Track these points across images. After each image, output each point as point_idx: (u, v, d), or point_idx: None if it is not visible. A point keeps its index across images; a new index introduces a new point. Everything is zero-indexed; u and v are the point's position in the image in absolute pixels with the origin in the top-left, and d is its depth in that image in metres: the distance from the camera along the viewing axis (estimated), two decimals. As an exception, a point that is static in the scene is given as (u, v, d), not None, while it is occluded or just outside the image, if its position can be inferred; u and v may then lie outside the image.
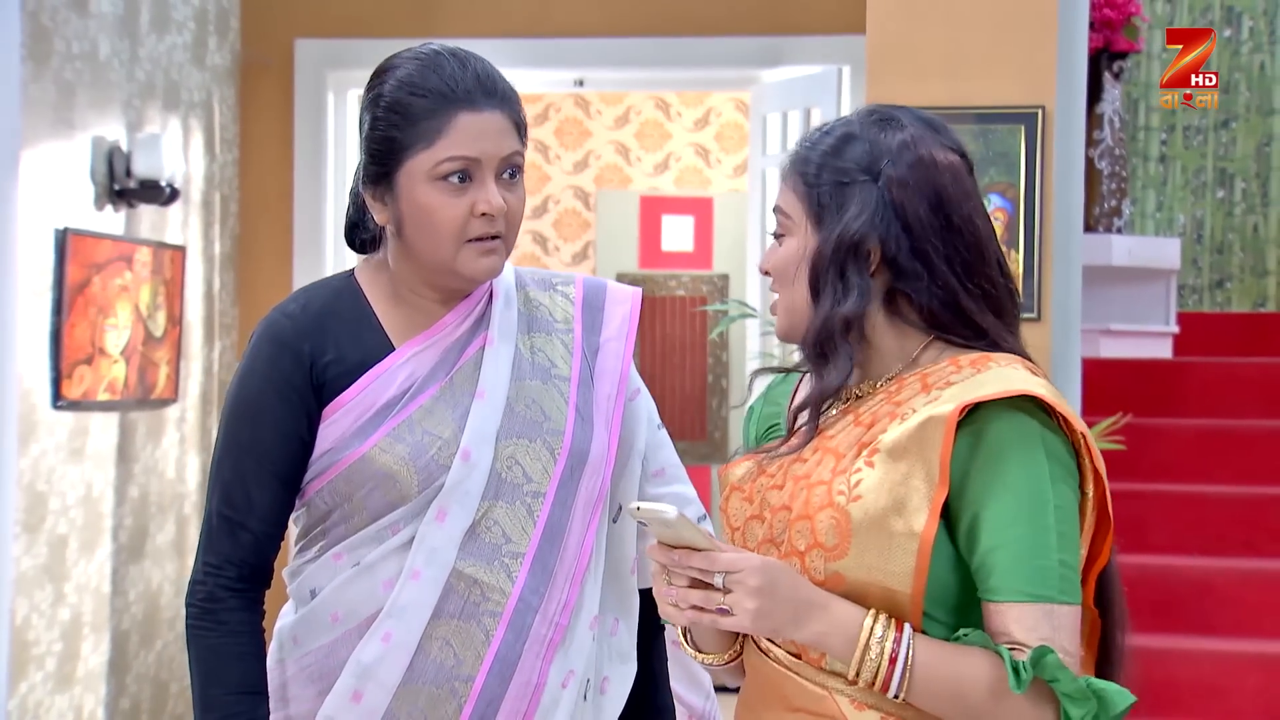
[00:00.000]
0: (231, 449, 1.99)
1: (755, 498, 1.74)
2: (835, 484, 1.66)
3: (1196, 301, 6.59)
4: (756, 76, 5.48)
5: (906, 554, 1.61)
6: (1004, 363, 1.69)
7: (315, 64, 5.51)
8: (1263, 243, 6.59)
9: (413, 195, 1.95)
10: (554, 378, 2.04)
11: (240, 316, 5.50)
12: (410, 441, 1.96)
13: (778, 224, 1.79)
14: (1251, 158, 6.59)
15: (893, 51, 3.73)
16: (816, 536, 1.65)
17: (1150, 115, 6.64)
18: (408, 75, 1.97)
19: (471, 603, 1.97)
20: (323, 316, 2.00)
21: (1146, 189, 6.61)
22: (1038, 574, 1.61)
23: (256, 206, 5.49)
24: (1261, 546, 4.49)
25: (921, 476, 1.62)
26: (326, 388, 1.97)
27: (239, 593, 1.98)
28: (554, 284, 2.11)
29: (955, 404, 1.63)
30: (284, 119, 5.48)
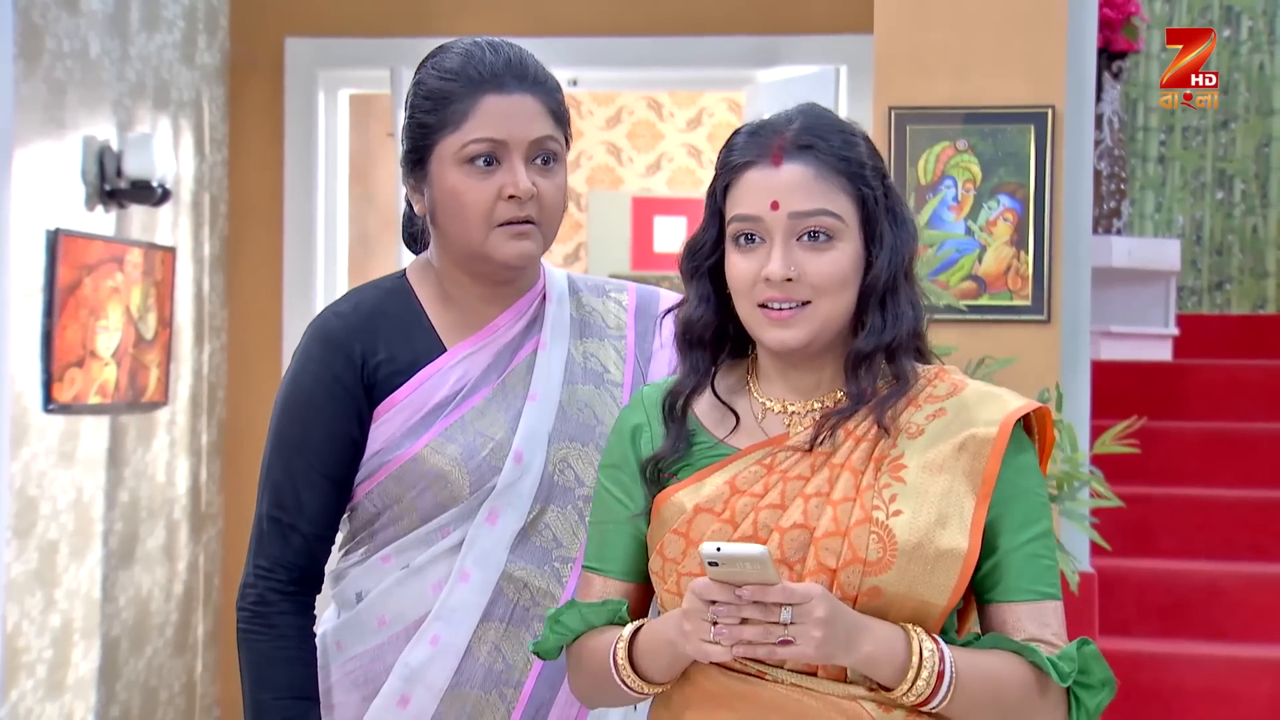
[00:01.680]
0: (282, 450, 1.99)
1: (740, 519, 1.70)
2: (865, 500, 1.67)
3: (1196, 303, 6.62)
4: (752, 76, 5.48)
5: (950, 568, 1.65)
6: (955, 372, 1.77)
7: (306, 63, 5.50)
8: (1262, 244, 6.62)
9: (443, 179, 1.96)
10: (606, 383, 2.05)
11: (230, 318, 5.48)
12: (462, 442, 1.96)
13: (817, 223, 1.70)
14: (1251, 158, 6.62)
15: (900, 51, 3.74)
16: (856, 552, 1.65)
17: (1149, 115, 6.67)
18: (440, 62, 2.00)
19: (521, 607, 1.97)
20: (374, 316, 2.00)
21: (1145, 190, 6.64)
22: (1046, 573, 1.70)
23: (246, 207, 5.48)
24: (1269, 550, 4.51)
25: (965, 491, 1.68)
26: (378, 388, 1.98)
27: (289, 596, 1.98)
28: (607, 290, 2.12)
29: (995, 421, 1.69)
30: (274, 119, 5.47)
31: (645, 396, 1.84)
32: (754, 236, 1.72)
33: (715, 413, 1.79)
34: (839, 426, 1.72)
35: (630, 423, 1.82)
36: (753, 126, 1.75)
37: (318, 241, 5.50)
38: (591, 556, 1.82)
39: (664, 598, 1.75)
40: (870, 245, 1.73)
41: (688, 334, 1.79)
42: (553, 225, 2.01)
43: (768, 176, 1.70)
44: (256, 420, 5.41)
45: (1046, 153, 3.71)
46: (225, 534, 5.47)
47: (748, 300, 1.72)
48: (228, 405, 5.47)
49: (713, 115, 7.69)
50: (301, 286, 5.46)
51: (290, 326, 5.45)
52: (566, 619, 1.77)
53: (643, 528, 1.78)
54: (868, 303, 1.73)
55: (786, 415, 1.76)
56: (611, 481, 1.81)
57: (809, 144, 1.71)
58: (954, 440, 1.70)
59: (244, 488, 5.40)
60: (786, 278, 1.69)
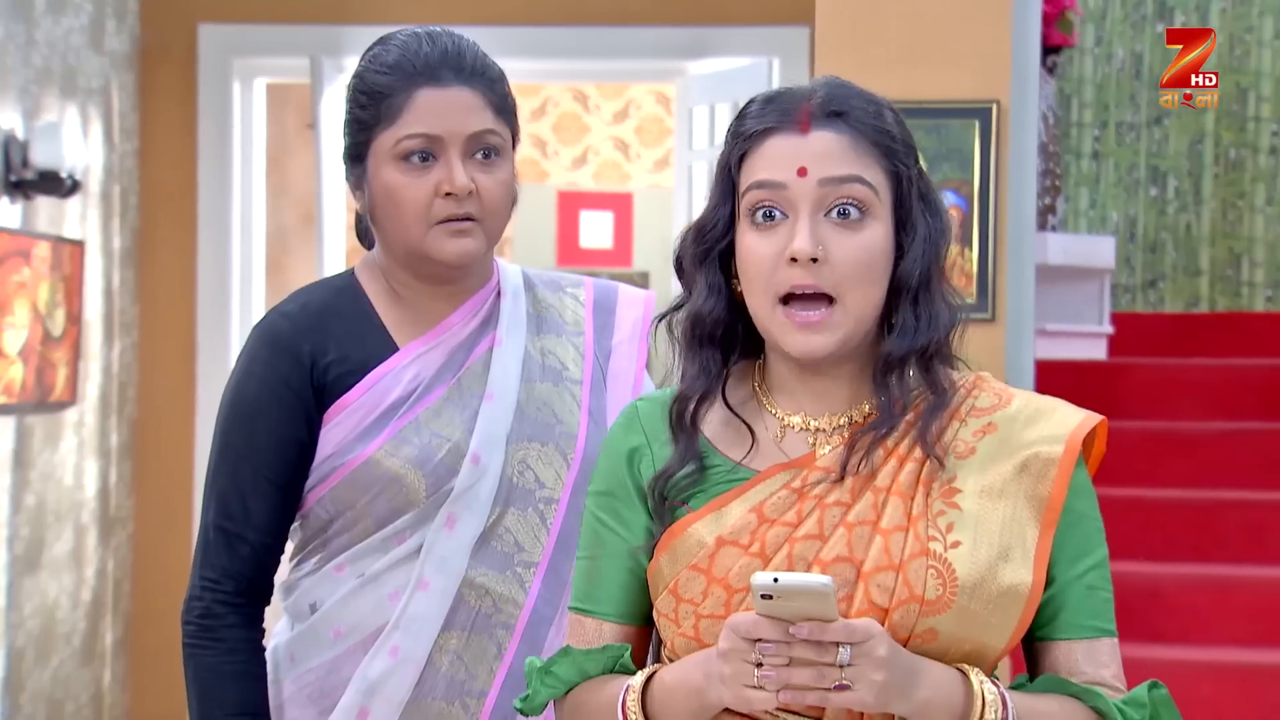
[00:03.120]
0: (228, 456, 1.95)
1: (771, 552, 1.53)
2: (919, 529, 1.51)
3: (1130, 301, 6.67)
4: (682, 68, 5.46)
5: (1013, 606, 1.51)
6: (992, 380, 1.62)
7: (220, 50, 5.41)
8: (1195, 242, 6.68)
9: (379, 177, 1.94)
10: (565, 380, 2.02)
11: (140, 315, 5.38)
12: (417, 444, 1.93)
13: (850, 193, 1.52)
14: (1184, 155, 6.68)
15: (843, 43, 3.72)
16: (912, 590, 1.49)
17: (1083, 111, 6.71)
18: (378, 55, 1.97)
19: (483, 614, 1.95)
20: (322, 316, 1.97)
21: (1080, 186, 6.68)
22: (1104, 607, 1.57)
23: (158, 200, 5.38)
24: (1209, 551, 4.54)
25: (1028, 518, 1.53)
26: (328, 389, 1.94)
27: (238, 608, 1.95)
28: (563, 286, 2.10)
29: (1059, 437, 1.54)
30: (187, 108, 5.37)
31: (641, 413, 1.65)
32: (774, 211, 1.53)
33: (727, 429, 1.60)
34: (877, 446, 1.54)
35: (625, 445, 1.63)
36: (769, 94, 1.59)
37: (233, 235, 5.42)
38: (581, 596, 1.64)
39: (676, 642, 1.56)
40: (901, 233, 1.56)
41: (697, 330, 1.59)
42: (496, 222, 1.97)
43: (794, 143, 1.53)
44: (169, 420, 5.34)
45: (991, 148, 3.70)
46: (136, 538, 5.37)
47: (765, 293, 1.53)
48: (139, 405, 5.37)
49: (640, 108, 7.66)
50: (216, 282, 5.38)
51: (204, 323, 5.37)
52: (559, 669, 1.59)
53: (643, 562, 1.60)
54: (898, 300, 1.55)
55: (810, 433, 1.58)
56: (603, 510, 1.62)
57: (841, 111, 1.55)
58: (1013, 460, 1.54)
59: (156, 490, 5.33)
60: (813, 256, 1.51)
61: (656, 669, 1.56)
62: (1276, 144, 6.60)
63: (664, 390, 1.66)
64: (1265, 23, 6.54)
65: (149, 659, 5.30)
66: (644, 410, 1.64)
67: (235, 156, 5.41)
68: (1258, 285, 6.64)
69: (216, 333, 5.37)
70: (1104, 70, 6.69)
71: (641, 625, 1.63)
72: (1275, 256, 6.61)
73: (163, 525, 5.32)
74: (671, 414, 1.59)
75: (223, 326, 5.37)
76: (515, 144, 2.01)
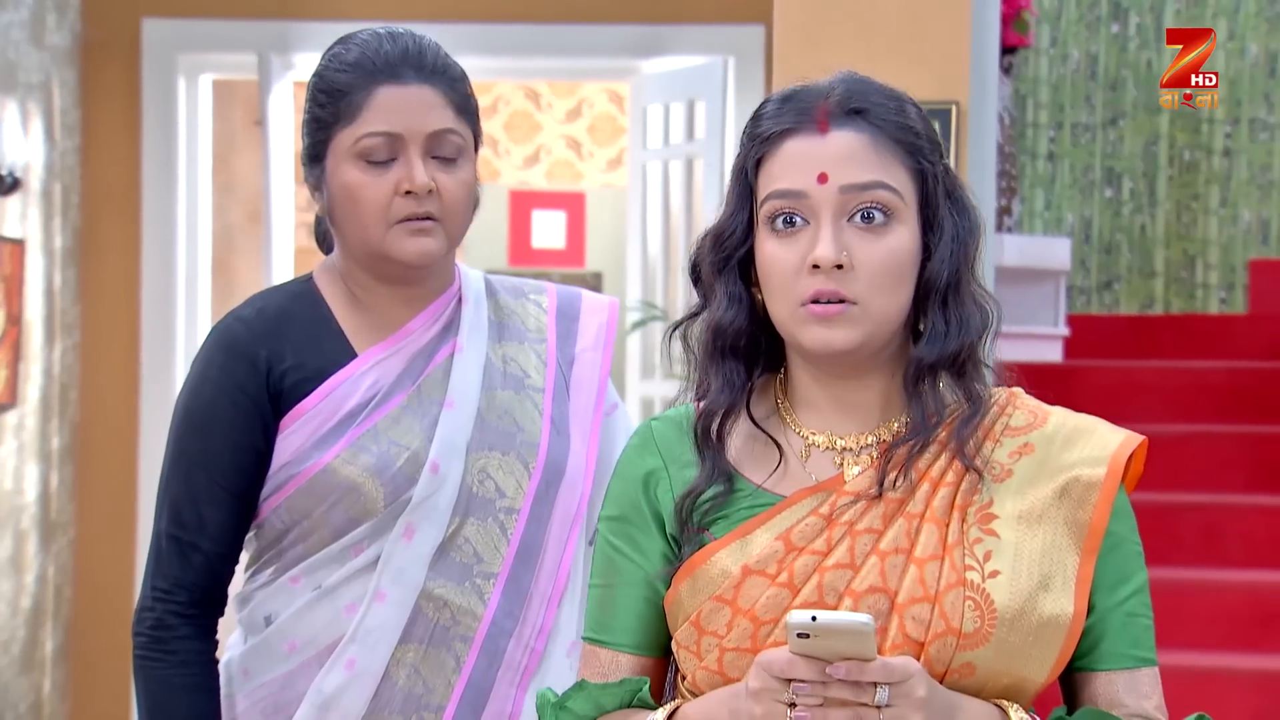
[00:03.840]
0: (181, 463, 1.93)
1: (799, 582, 1.47)
2: (955, 558, 1.46)
3: (1085, 303, 6.70)
4: (636, 67, 5.45)
5: (1054, 638, 1.46)
6: (1025, 395, 1.56)
7: (164, 45, 5.36)
8: (1150, 243, 6.72)
9: (338, 175, 1.93)
10: (527, 388, 2.01)
11: (82, 315, 5.33)
12: (375, 452, 1.92)
13: (874, 199, 1.48)
14: (1139, 156, 6.72)
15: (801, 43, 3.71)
16: (949, 622, 1.44)
17: (1039, 112, 6.73)
18: (337, 53, 1.96)
19: (441, 626, 1.93)
20: (279, 321, 1.96)
21: (1035, 187, 6.71)
22: (1144, 635, 1.51)
23: (100, 198, 5.33)
24: (1166, 555, 4.55)
25: (1069, 545, 1.48)
26: (284, 396, 1.93)
27: (190, 619, 1.93)
28: (526, 292, 2.09)
29: (1100, 460, 1.50)
30: (130, 104, 5.32)
31: (656, 434, 1.57)
32: (794, 218, 1.48)
33: (750, 448, 1.54)
34: (912, 462, 1.48)
35: (641, 468, 1.56)
36: (784, 93, 1.53)
37: (178, 234, 5.37)
38: (595, 626, 1.57)
39: (698, 676, 1.50)
40: (928, 234, 1.50)
41: (719, 341, 1.53)
42: (457, 223, 1.96)
43: (813, 145, 1.48)
44: (111, 423, 5.29)
45: (951, 150, 3.70)
46: (77, 544, 5.30)
47: (787, 298, 1.48)
48: (81, 407, 5.31)
49: (593, 106, 7.64)
50: (160, 282, 5.33)
51: (148, 324, 5.32)
52: (574, 704, 1.52)
53: (660, 590, 1.54)
54: (926, 304, 1.50)
55: (836, 453, 1.52)
56: (618, 536, 1.56)
57: (861, 109, 1.49)
58: (1052, 484, 1.49)
59: (97, 494, 5.28)
60: (837, 263, 1.45)
61: (679, 705, 1.51)
62: (1230, 146, 6.65)
63: (677, 409, 1.59)
64: (1219, 25, 6.58)
65: (90, 667, 5.25)
66: (659, 431, 1.58)
67: (180, 154, 5.36)
68: (1212, 287, 6.69)
69: (161, 334, 5.32)
70: (1059, 71, 6.72)
71: (659, 656, 1.58)
72: (1229, 259, 6.66)
73: (105, 530, 5.27)
74: (696, 430, 1.54)
75: (167, 327, 5.33)
76: (477, 146, 2.00)
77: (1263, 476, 4.90)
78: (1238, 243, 6.66)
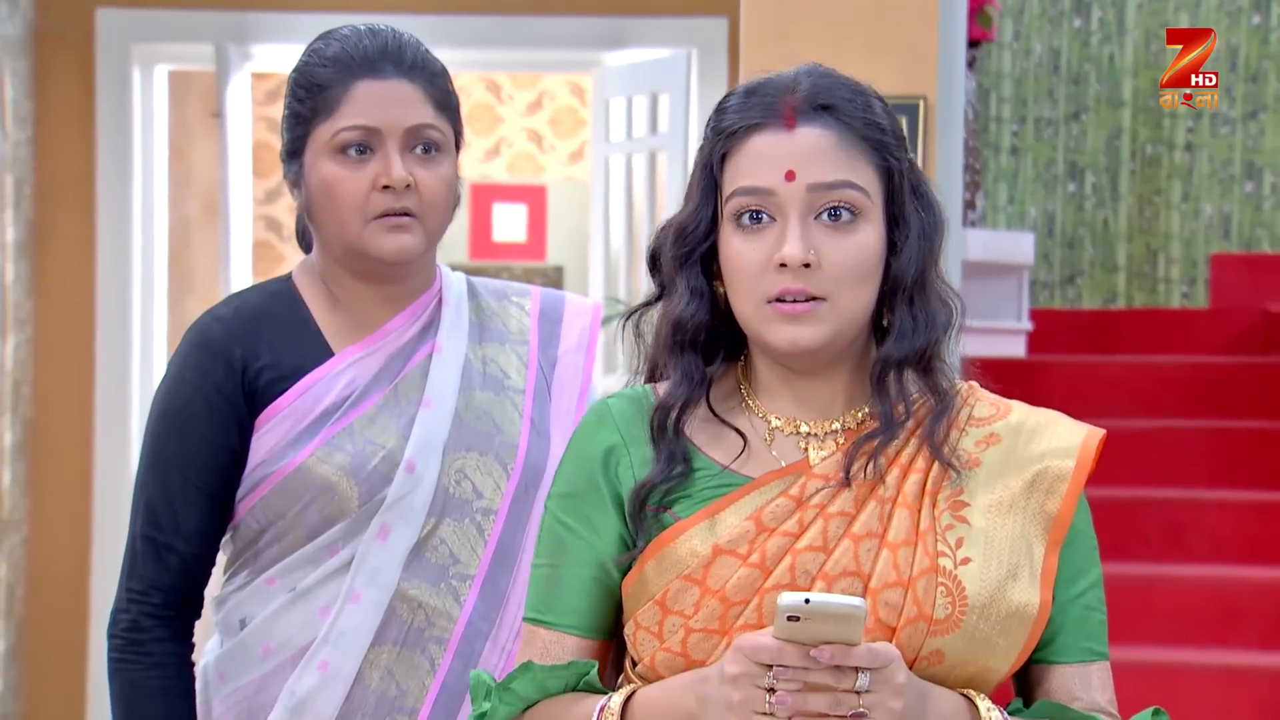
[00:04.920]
0: (156, 464, 1.94)
1: (771, 564, 1.47)
2: (929, 543, 1.47)
3: (1048, 298, 6.74)
4: (598, 59, 5.44)
5: (1020, 628, 1.47)
6: (981, 389, 1.59)
7: (119, 35, 5.31)
8: (1113, 238, 6.76)
9: (315, 170, 1.93)
10: (507, 389, 2.01)
11: (36, 310, 5.29)
12: (350, 450, 1.92)
13: (841, 198, 1.48)
14: (1101, 151, 6.76)
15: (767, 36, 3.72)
16: (921, 608, 1.45)
17: (1001, 106, 6.77)
18: (316, 48, 1.97)
19: (416, 628, 1.93)
20: (256, 320, 1.96)
21: (998, 181, 6.74)
22: (1098, 629, 1.55)
23: (54, 190, 5.29)
24: (1130, 550, 4.60)
25: (1036, 535, 1.50)
26: (259, 395, 1.93)
27: (165, 621, 1.93)
28: (509, 295, 2.09)
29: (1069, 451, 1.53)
30: (85, 95, 5.27)
31: (615, 411, 1.56)
32: (760, 215, 1.48)
33: (712, 432, 1.54)
34: (879, 455, 1.49)
35: (600, 444, 1.54)
36: (749, 85, 1.52)
37: (134, 227, 5.33)
38: (538, 606, 1.55)
39: (658, 658, 1.49)
40: (893, 230, 1.51)
41: (678, 335, 1.53)
42: (436, 219, 1.96)
43: (780, 142, 1.48)
44: (66, 419, 5.25)
45: (919, 145, 3.71)
46: (30, 542, 5.27)
47: (752, 294, 1.48)
48: (34, 403, 5.27)
49: (554, 98, 7.63)
50: (116, 275, 5.29)
51: (103, 318, 5.29)
52: (519, 685, 1.50)
53: (613, 573, 1.52)
54: (893, 300, 1.51)
55: (800, 437, 1.53)
56: (569, 514, 1.54)
57: (828, 104, 1.49)
58: (1022, 475, 1.51)
59: (51, 492, 5.25)
60: (805, 262, 1.46)
61: (635, 688, 1.49)
62: (1192, 140, 6.70)
63: (634, 389, 1.59)
64: (1180, 18, 6.63)
65: (44, 667, 5.21)
66: (617, 409, 1.56)
67: (135, 146, 5.33)
68: (1174, 282, 6.74)
69: (116, 328, 5.29)
70: (1022, 65, 6.75)
71: (603, 640, 1.56)
72: (1190, 253, 6.71)
73: (59, 528, 5.23)
74: (653, 423, 1.53)
75: (123, 322, 5.29)
76: (459, 143, 2.00)
77: (1226, 472, 4.94)
78: (1199, 237, 6.71)
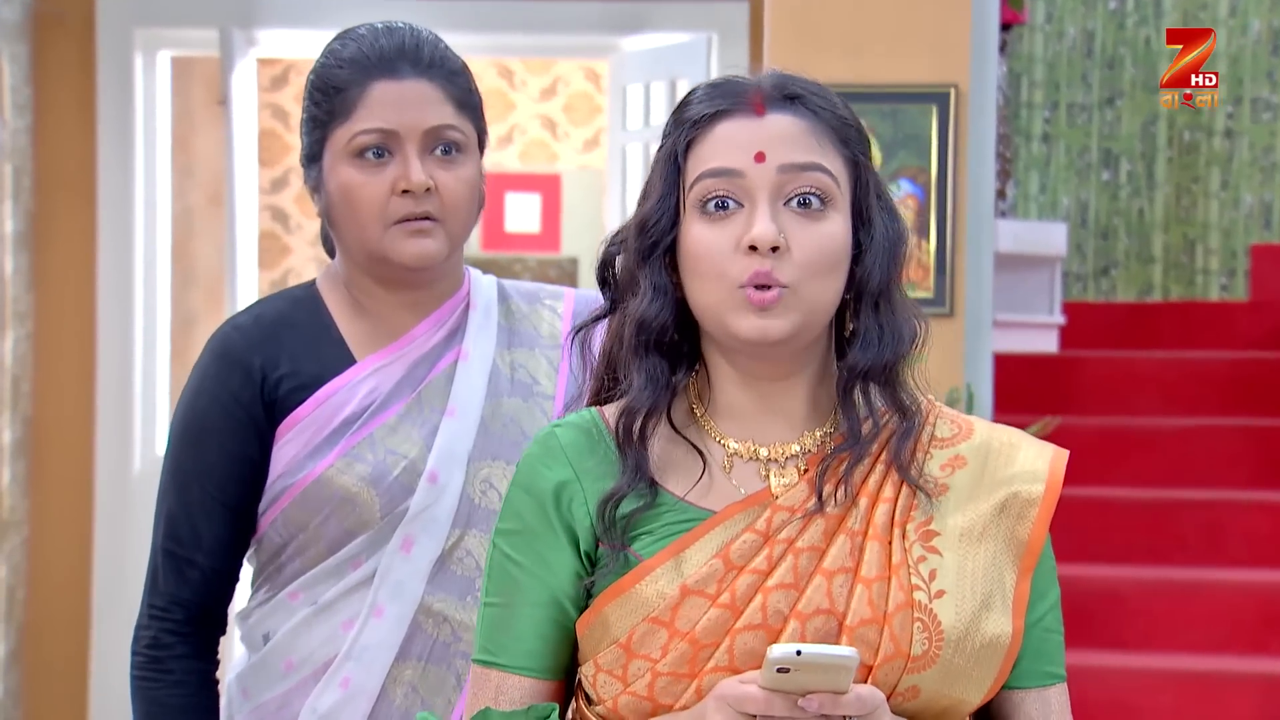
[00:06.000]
0: (177, 476, 1.96)
1: (741, 603, 1.46)
2: (902, 577, 1.47)
3: (1081, 290, 6.72)
4: (615, 44, 5.44)
5: (993, 659, 1.48)
6: (943, 406, 1.59)
7: (121, 19, 5.31)
8: (1149, 228, 6.74)
9: (334, 175, 1.95)
10: (536, 395, 2.01)
11: (36, 304, 5.30)
12: (371, 461, 1.93)
13: (812, 181, 1.49)
14: (1137, 137, 6.73)
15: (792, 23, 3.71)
16: (899, 645, 1.45)
17: (1033, 91, 6.74)
18: (333, 49, 1.98)
19: (441, 643, 1.94)
20: (277, 327, 1.97)
21: (1030, 170, 6.72)
22: (1057, 652, 1.55)
23: (55, 180, 5.29)
24: (1168, 554, 4.59)
25: (1008, 563, 1.50)
26: (278, 405, 1.95)
27: (187, 637, 1.94)
28: (540, 298, 2.09)
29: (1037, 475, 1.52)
30: (85, 82, 5.27)
31: (564, 443, 1.54)
32: (727, 201, 1.48)
33: (669, 457, 1.52)
34: (849, 478, 1.49)
35: (550, 480, 1.52)
36: (713, 81, 1.54)
37: (135, 218, 5.33)
38: (489, 647, 1.53)
39: (621, 701, 1.48)
40: (858, 229, 1.51)
41: (643, 335, 1.51)
42: (459, 222, 1.96)
43: (749, 126, 1.49)
44: (67, 416, 5.27)
45: (949, 135, 3.71)
46: (31, 543, 5.28)
47: (719, 282, 1.47)
48: (35, 400, 5.28)
49: (569, 84, 7.61)
50: (118, 268, 5.30)
51: (105, 312, 5.30)
52: None
53: (569, 610, 1.51)
54: (858, 306, 1.51)
55: (760, 463, 1.52)
56: (519, 551, 1.52)
57: (796, 94, 1.51)
58: (991, 500, 1.51)
59: (52, 491, 5.26)
60: (774, 245, 1.45)
61: None
62: (1232, 126, 6.68)
63: (580, 414, 1.57)
64: (1220, 1, 6.60)
65: (44, 671, 5.23)
66: (566, 440, 1.54)
67: (138, 134, 5.33)
68: (1212, 273, 6.71)
69: (118, 322, 5.29)
70: (1055, 49, 6.73)
71: (558, 680, 1.55)
72: (1230, 243, 6.69)
73: (60, 529, 5.25)
74: (618, 430, 1.51)
75: (124, 316, 5.30)
76: (483, 143, 2.01)
77: (1267, 472, 4.94)
78: (1239, 227, 6.69)
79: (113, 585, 5.15)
